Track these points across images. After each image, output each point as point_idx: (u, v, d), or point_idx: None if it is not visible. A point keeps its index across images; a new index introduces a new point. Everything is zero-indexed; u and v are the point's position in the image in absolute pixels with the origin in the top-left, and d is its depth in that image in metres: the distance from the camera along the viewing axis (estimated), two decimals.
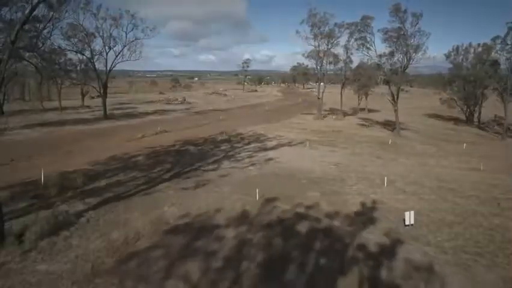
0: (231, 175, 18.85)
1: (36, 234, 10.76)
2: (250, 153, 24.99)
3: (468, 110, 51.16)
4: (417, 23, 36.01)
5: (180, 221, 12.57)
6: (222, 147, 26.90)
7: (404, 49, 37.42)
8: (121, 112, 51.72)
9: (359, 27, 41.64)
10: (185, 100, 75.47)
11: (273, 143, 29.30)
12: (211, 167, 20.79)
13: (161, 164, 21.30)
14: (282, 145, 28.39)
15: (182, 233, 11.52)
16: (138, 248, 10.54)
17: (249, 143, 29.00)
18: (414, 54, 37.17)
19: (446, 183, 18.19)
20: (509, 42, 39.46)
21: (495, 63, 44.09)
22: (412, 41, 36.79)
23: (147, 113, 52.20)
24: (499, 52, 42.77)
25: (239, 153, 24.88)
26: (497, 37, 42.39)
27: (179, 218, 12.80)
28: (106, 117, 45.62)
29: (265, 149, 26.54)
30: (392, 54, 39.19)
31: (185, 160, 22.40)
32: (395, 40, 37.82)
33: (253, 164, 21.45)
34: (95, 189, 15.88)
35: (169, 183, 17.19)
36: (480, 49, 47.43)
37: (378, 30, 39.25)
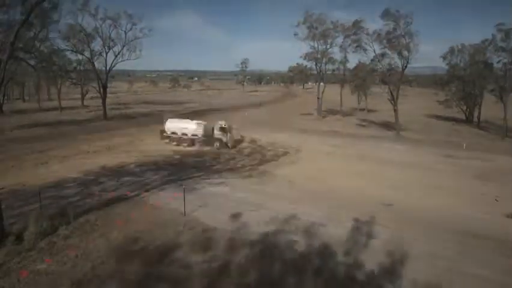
0: None
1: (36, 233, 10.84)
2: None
3: (468, 110, 51.12)
4: (410, 23, 35.63)
5: None
6: None
7: (397, 49, 36.86)
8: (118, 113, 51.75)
9: (353, 32, 41.30)
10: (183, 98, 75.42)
11: None
12: None
13: None
14: None
15: None
16: None
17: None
18: (407, 54, 36.66)
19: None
20: (502, 45, 38.48)
21: (489, 64, 43.61)
22: (405, 41, 36.40)
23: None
24: (490, 54, 42.30)
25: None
26: (487, 40, 42.25)
27: None
28: (106, 117, 45.71)
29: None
30: (383, 55, 38.92)
31: None
32: (385, 42, 37.59)
33: None
34: None
35: None
36: (472, 50, 47.04)
37: (368, 34, 39.05)
